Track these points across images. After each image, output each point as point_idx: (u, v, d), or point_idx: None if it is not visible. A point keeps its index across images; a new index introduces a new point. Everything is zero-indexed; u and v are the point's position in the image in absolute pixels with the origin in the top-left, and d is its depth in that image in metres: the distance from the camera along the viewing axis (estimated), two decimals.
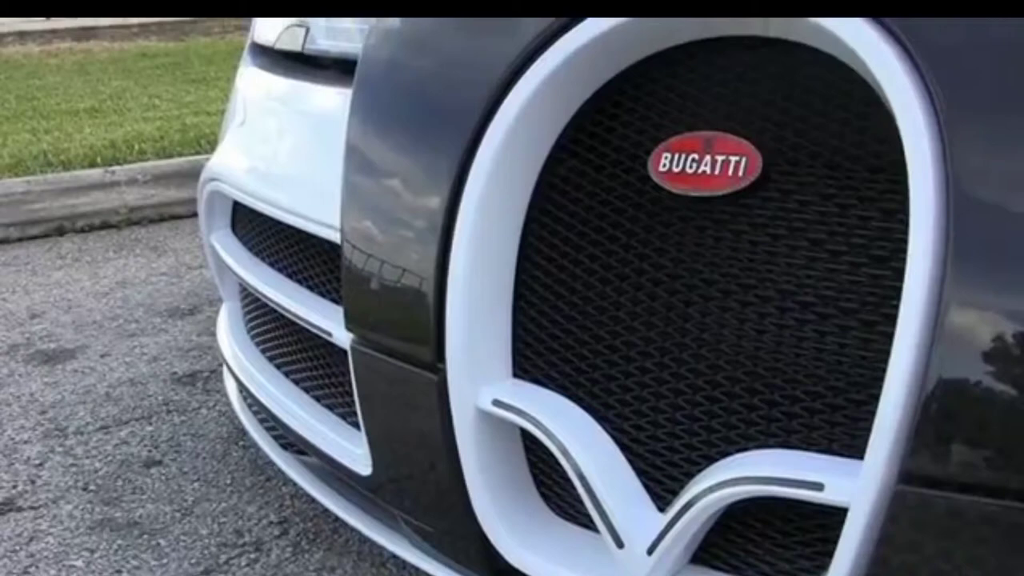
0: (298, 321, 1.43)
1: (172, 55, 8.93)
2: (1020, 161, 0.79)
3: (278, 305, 1.49)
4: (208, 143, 4.64)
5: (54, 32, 11.13)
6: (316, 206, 1.35)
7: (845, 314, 0.91)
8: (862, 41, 0.87)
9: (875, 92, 0.89)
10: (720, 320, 0.98)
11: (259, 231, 1.65)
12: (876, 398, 0.84)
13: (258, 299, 1.64)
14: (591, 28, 1.03)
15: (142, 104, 6.15)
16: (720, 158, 0.97)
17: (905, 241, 0.83)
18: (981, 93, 0.81)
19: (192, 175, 3.89)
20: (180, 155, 4.50)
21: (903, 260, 0.83)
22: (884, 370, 0.83)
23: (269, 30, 1.71)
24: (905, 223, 0.84)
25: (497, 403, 1.09)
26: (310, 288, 1.48)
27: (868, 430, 0.84)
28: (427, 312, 1.13)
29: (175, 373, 2.54)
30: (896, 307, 0.83)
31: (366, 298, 1.23)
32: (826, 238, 0.92)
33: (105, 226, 3.94)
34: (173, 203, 4.05)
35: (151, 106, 6.07)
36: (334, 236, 1.28)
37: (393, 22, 1.30)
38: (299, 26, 1.59)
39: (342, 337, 1.29)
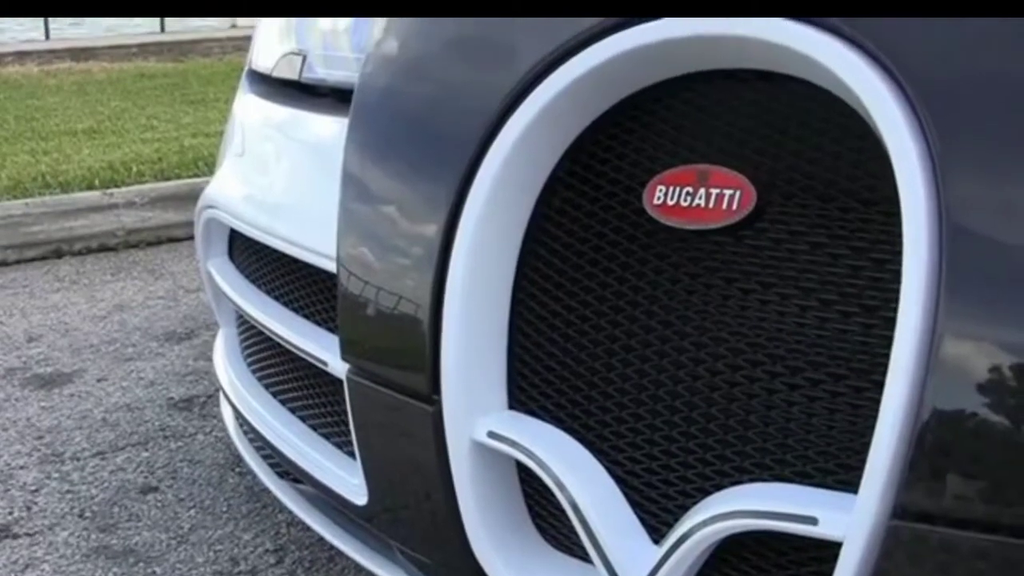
0: (294, 350, 1.43)
1: (171, 76, 8.94)
2: (1012, 193, 0.79)
3: (274, 333, 1.49)
4: (206, 165, 4.65)
5: (53, 52, 11.17)
6: (312, 235, 1.35)
7: (842, 351, 0.91)
8: (854, 74, 0.87)
9: (868, 125, 0.89)
10: (714, 353, 0.98)
11: (256, 259, 1.65)
12: (871, 430, 0.84)
13: (254, 326, 1.64)
14: (587, 60, 1.03)
15: (140, 125, 6.15)
16: (714, 191, 0.98)
17: (898, 274, 0.83)
18: (973, 126, 0.82)
19: (190, 198, 3.90)
20: (178, 177, 4.51)
21: (896, 294, 0.83)
22: (878, 402, 0.83)
23: (266, 57, 1.71)
24: (899, 255, 0.84)
25: (492, 435, 1.09)
26: (306, 317, 1.48)
27: (863, 463, 0.84)
28: (423, 343, 1.13)
29: (172, 398, 2.54)
30: (890, 339, 0.83)
31: (362, 328, 1.23)
32: (819, 271, 0.92)
33: (103, 249, 3.95)
34: (171, 226, 4.06)
35: (149, 127, 6.08)
36: (330, 266, 1.28)
37: (390, 50, 1.30)
38: (296, 54, 1.59)
39: (338, 367, 1.29)
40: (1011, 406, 0.78)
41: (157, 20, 15.03)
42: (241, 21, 14.06)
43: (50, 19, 14.31)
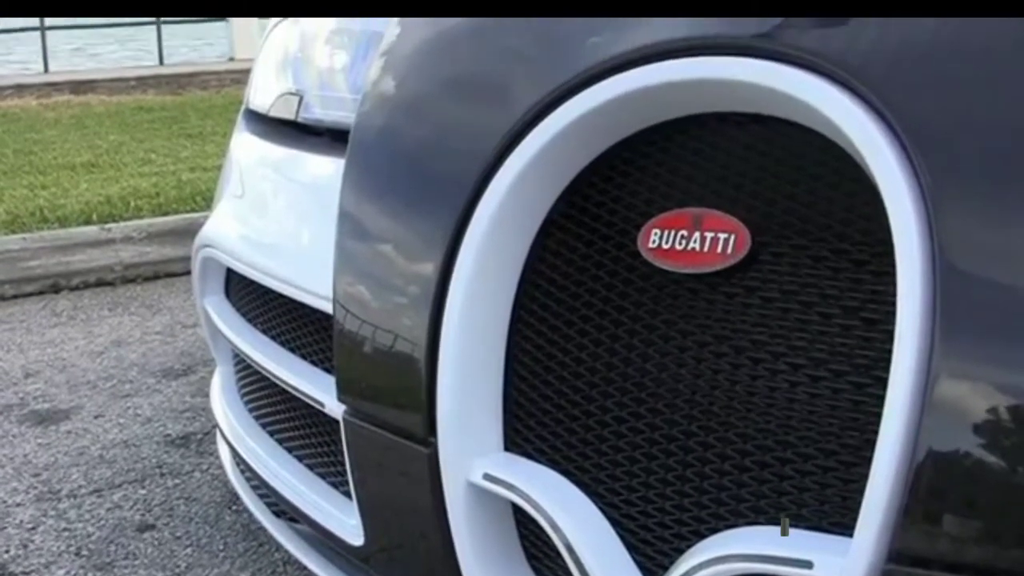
0: (290, 390, 1.43)
1: (169, 109, 8.97)
2: (1004, 236, 0.80)
3: (270, 373, 1.49)
4: (203, 200, 4.66)
5: (52, 85, 11.22)
6: (308, 276, 1.35)
7: (835, 393, 0.91)
8: (846, 117, 0.88)
9: (862, 168, 0.89)
10: (709, 397, 0.98)
11: (252, 298, 1.65)
12: (867, 476, 0.84)
13: (251, 365, 1.64)
14: (584, 103, 1.04)
15: (138, 159, 6.17)
16: (709, 235, 0.98)
17: (893, 320, 0.83)
18: (966, 170, 0.82)
19: (187, 233, 3.91)
20: (176, 212, 4.52)
21: (891, 342, 0.83)
22: (873, 447, 0.83)
23: (263, 97, 1.72)
24: (893, 299, 0.84)
25: (488, 477, 1.09)
26: (303, 357, 1.48)
27: (858, 507, 0.84)
28: (418, 385, 1.14)
29: (168, 435, 2.53)
30: (885, 388, 0.83)
31: (358, 369, 1.23)
32: (815, 317, 0.93)
33: (100, 283, 3.95)
34: (168, 260, 4.06)
35: (147, 161, 6.09)
36: (326, 307, 1.29)
37: (387, 88, 1.31)
38: (293, 94, 1.60)
39: (334, 407, 1.30)
40: (1007, 448, 0.78)
41: (156, 53, 15.11)
42: (239, 54, 14.13)
43: (49, 49, 14.37)
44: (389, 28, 1.36)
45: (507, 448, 1.13)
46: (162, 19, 15.35)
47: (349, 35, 1.59)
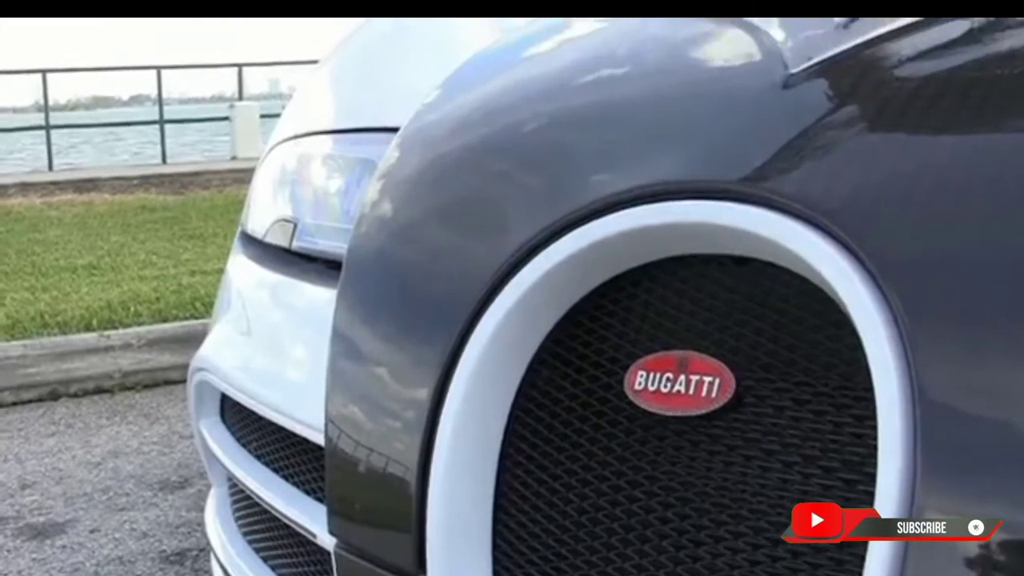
0: (283, 519, 1.44)
1: (171, 209, 9.03)
2: (982, 376, 0.81)
3: (264, 500, 1.49)
4: (203, 305, 4.67)
5: (56, 184, 11.35)
6: (301, 407, 1.36)
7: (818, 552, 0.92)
8: (826, 262, 0.89)
9: (843, 311, 0.91)
10: (695, 539, 0.99)
11: (247, 423, 1.66)
12: None
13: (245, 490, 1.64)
14: (576, 241, 1.06)
15: (139, 261, 6.20)
16: (694, 378, 0.99)
17: (875, 459, 0.84)
18: (943, 312, 0.84)
19: (186, 340, 3.92)
20: (175, 317, 4.54)
21: (872, 483, 0.84)
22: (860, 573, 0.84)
23: (259, 220, 1.74)
24: (875, 444, 0.85)
25: None
26: (295, 485, 1.49)
27: None
28: (408, 519, 1.14)
29: (164, 551, 2.52)
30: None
31: (348, 503, 1.24)
32: (799, 460, 0.93)
33: (99, 391, 3.95)
34: (167, 368, 4.07)
35: (148, 263, 6.12)
36: (318, 438, 1.29)
37: (384, 212, 1.33)
38: (287, 221, 1.62)
39: (326, 539, 1.30)
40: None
41: (159, 152, 15.28)
42: (241, 153, 14.24)
43: (53, 147, 14.52)
44: (387, 151, 1.37)
45: None
46: (165, 119, 15.55)
47: (344, 160, 1.62)
